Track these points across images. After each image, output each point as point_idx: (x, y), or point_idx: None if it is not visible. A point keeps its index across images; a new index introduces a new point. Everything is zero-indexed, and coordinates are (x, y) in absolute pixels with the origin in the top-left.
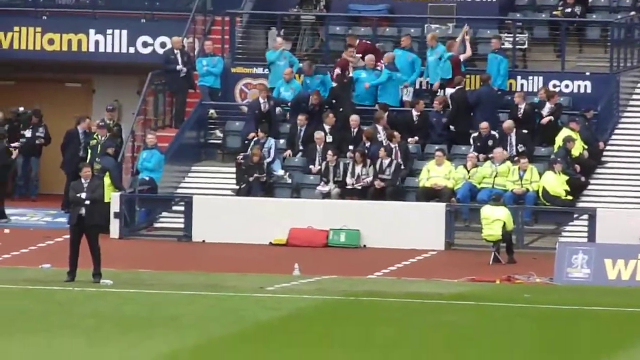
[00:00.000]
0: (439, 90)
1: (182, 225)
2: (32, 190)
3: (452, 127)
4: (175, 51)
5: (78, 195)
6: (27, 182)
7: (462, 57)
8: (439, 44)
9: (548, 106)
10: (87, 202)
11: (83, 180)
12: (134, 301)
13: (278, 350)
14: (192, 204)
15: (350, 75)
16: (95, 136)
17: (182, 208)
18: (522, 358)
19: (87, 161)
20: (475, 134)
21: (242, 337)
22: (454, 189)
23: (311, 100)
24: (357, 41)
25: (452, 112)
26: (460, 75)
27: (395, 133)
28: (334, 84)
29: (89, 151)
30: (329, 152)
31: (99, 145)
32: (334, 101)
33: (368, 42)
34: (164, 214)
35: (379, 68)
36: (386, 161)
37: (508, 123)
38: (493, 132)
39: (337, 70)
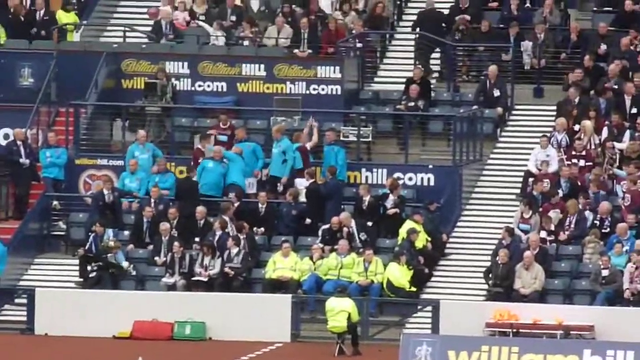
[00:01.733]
0: (287, 181)
1: (24, 318)
2: None
3: (308, 220)
4: (18, 142)
5: None
6: None
7: (308, 145)
8: (284, 137)
9: (392, 198)
10: None
11: None
12: None
13: None
14: (35, 296)
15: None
16: None
17: (25, 300)
18: None
19: None
20: (326, 227)
21: None
22: (300, 281)
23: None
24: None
25: (308, 204)
26: (310, 166)
27: (245, 224)
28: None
29: None
30: (175, 243)
31: None
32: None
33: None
34: (6, 306)
35: (225, 160)
36: (234, 250)
37: (345, 214)
38: (345, 227)
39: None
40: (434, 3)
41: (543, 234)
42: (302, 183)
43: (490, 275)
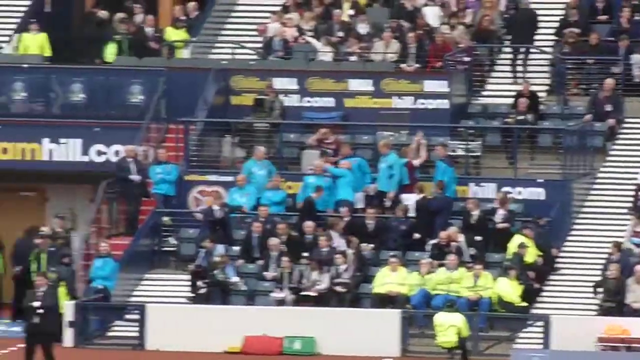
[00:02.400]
0: (394, 196)
1: (136, 334)
2: None
3: (416, 235)
4: (129, 159)
5: (31, 304)
6: None
7: (415, 163)
8: (391, 152)
9: (501, 212)
10: (41, 310)
11: (37, 289)
12: None
13: None
14: (146, 312)
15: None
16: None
17: (136, 316)
18: None
19: (38, 271)
20: (434, 242)
21: None
22: (408, 295)
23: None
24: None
25: (417, 219)
26: (416, 182)
27: (353, 239)
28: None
29: (37, 261)
30: (284, 258)
31: (46, 255)
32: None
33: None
34: (118, 322)
35: (327, 173)
36: (343, 267)
37: (453, 229)
38: (453, 242)
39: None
40: (528, 4)
41: None
42: (408, 198)
43: (599, 289)
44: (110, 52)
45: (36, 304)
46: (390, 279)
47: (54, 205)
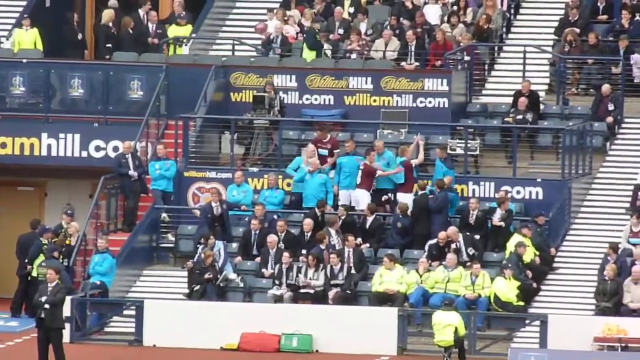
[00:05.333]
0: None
1: (133, 330)
2: None
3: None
4: (127, 155)
5: (39, 298)
6: None
7: (414, 162)
8: (386, 150)
9: (499, 212)
10: (47, 305)
11: (49, 284)
12: None
13: None
14: (144, 308)
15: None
16: (44, 241)
17: (134, 312)
18: None
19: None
20: (433, 242)
21: None
22: (406, 294)
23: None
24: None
25: (414, 216)
26: (414, 182)
27: (350, 237)
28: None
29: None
30: (285, 254)
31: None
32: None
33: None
34: (115, 318)
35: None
36: (337, 266)
37: (452, 229)
38: (451, 241)
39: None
40: None
41: None
42: (404, 197)
43: (600, 295)
44: None
45: (43, 298)
46: (388, 277)
47: (52, 200)
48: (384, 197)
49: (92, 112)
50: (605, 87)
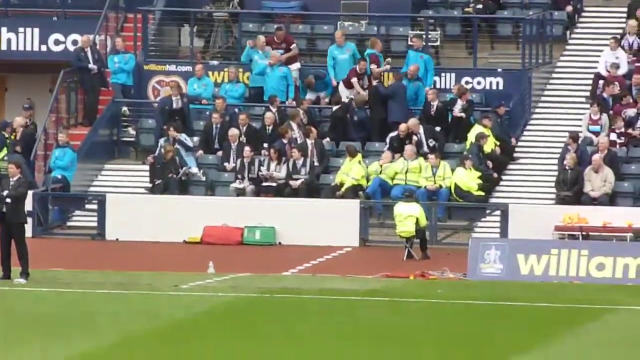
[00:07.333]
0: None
1: (95, 224)
2: None
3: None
4: (86, 49)
5: (1, 192)
6: None
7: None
8: (347, 42)
9: (460, 103)
10: (8, 200)
11: (10, 179)
12: (48, 300)
13: (193, 347)
14: (106, 202)
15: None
16: (8, 136)
17: (95, 206)
18: (436, 353)
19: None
20: (393, 134)
21: (158, 335)
22: (363, 185)
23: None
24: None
25: (370, 105)
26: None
27: (312, 129)
28: None
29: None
30: (246, 148)
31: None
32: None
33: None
34: (77, 212)
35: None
36: (300, 161)
37: (413, 121)
38: (413, 134)
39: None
40: None
41: (613, 136)
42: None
43: (560, 185)
44: None
45: (4, 193)
46: (346, 168)
47: (13, 95)
48: None
49: (51, 6)
50: None
